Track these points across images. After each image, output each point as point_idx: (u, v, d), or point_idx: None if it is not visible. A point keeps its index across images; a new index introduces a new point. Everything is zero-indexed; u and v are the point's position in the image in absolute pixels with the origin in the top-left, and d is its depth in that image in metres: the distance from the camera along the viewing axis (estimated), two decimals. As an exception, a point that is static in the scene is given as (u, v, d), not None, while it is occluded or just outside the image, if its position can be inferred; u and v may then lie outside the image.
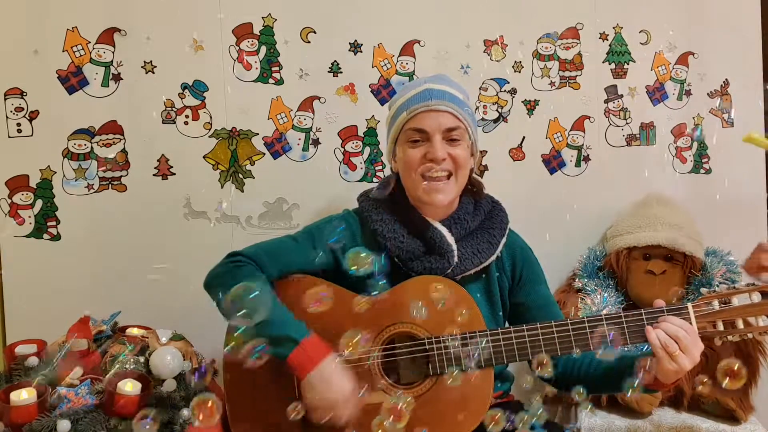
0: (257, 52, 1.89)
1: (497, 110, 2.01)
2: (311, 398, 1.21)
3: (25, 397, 1.26)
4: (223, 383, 1.37)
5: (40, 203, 1.82)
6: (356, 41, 1.93)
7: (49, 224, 1.82)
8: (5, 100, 1.79)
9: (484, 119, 2.00)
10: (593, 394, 1.67)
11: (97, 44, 1.82)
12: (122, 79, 1.83)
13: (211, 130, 1.88)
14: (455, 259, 1.37)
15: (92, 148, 1.83)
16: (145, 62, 1.84)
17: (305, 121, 1.93)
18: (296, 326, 1.24)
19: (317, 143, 1.94)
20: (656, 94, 2.07)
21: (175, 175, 1.87)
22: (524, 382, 1.27)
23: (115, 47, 1.83)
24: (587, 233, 2.04)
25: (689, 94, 2.09)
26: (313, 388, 1.21)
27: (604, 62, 2.05)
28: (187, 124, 1.87)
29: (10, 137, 1.79)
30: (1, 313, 1.81)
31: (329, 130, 1.94)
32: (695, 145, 2.09)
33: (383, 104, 1.94)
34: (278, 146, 1.92)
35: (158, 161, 1.86)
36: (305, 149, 1.93)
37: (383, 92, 1.95)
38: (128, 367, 1.37)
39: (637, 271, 1.87)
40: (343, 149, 1.95)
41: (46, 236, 1.82)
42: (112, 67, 1.83)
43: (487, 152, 2.00)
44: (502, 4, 1.98)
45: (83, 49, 1.81)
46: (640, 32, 2.05)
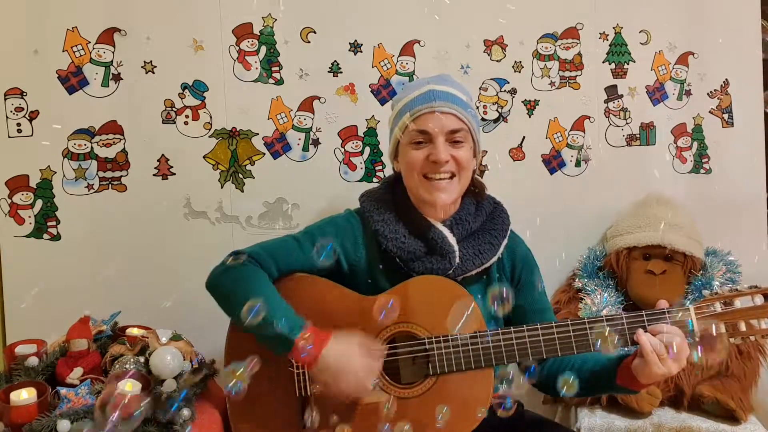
0: (257, 52, 1.89)
1: (497, 110, 2.01)
2: (329, 374, 1.22)
3: (25, 397, 1.26)
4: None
5: (40, 203, 1.82)
6: (356, 41, 1.93)
7: (49, 224, 1.82)
8: (5, 100, 1.79)
9: (484, 119, 2.00)
10: (580, 396, 1.68)
11: (97, 44, 1.82)
12: (122, 79, 1.83)
13: (211, 130, 1.88)
14: (457, 259, 1.37)
15: (92, 148, 1.83)
16: (145, 62, 1.84)
17: (305, 121, 1.93)
18: (295, 317, 1.25)
19: (317, 143, 1.94)
20: (656, 94, 2.07)
21: (175, 175, 1.87)
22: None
23: (115, 47, 1.83)
24: (587, 233, 2.04)
25: (689, 94, 2.09)
26: (328, 366, 1.21)
27: (604, 62, 2.05)
28: (187, 124, 1.87)
29: (10, 137, 1.79)
30: (1, 313, 1.81)
31: (329, 130, 1.94)
32: (695, 144, 2.09)
33: (383, 104, 1.94)
34: (278, 146, 1.92)
35: (158, 161, 1.86)
36: (305, 149, 1.93)
37: (383, 92, 1.95)
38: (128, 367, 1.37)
39: (637, 271, 1.87)
40: (343, 149, 1.95)
41: (46, 236, 1.82)
42: (112, 67, 1.83)
43: (487, 152, 2.00)
44: (502, 4, 1.98)
45: (83, 49, 1.81)
46: (640, 32, 2.05)
